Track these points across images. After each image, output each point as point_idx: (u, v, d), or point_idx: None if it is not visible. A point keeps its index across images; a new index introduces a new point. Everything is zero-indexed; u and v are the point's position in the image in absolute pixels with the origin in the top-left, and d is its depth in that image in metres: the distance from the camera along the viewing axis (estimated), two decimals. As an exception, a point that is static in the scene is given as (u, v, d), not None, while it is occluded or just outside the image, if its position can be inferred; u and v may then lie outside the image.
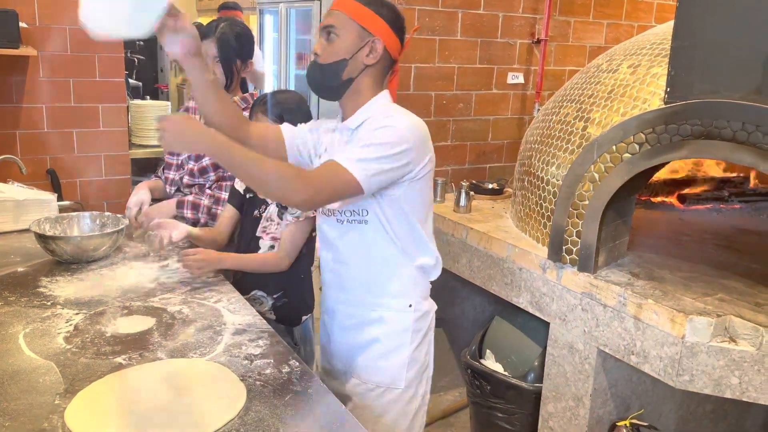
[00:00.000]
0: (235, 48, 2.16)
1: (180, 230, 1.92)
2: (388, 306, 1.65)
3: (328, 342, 1.79)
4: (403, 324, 1.66)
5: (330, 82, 1.56)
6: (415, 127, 1.53)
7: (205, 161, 2.24)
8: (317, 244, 2.02)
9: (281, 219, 1.98)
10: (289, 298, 2.03)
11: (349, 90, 1.56)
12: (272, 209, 2.01)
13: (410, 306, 1.65)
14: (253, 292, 2.01)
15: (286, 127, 1.71)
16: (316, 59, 1.55)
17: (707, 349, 1.82)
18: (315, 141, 1.69)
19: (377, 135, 1.48)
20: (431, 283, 1.73)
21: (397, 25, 1.56)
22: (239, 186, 2.10)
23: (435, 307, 1.75)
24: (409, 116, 1.55)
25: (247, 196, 2.06)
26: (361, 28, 1.52)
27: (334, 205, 1.59)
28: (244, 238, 2.07)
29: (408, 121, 1.53)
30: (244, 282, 2.01)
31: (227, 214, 2.10)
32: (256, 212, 2.03)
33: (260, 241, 2.02)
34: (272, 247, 2.00)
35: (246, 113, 2.16)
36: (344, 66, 1.53)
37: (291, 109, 1.96)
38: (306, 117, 1.94)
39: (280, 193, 1.50)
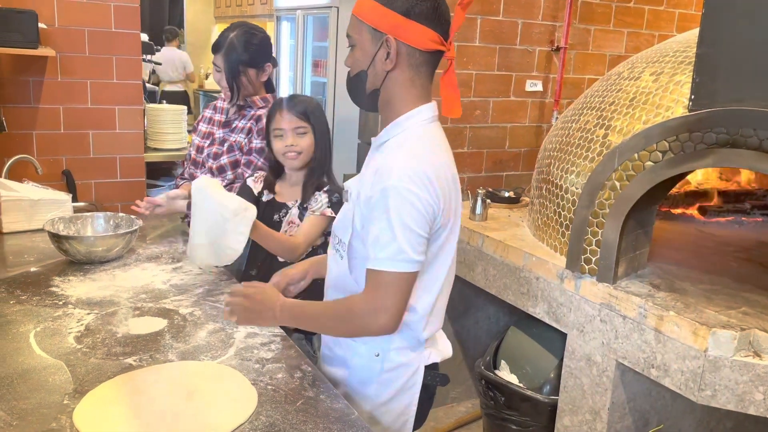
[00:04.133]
0: (242, 58, 2.11)
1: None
2: (354, 350, 1.44)
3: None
4: (367, 373, 1.42)
5: (359, 97, 1.40)
6: (412, 175, 1.25)
7: (224, 160, 2.21)
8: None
9: (301, 221, 1.95)
10: None
11: (380, 101, 1.37)
12: (294, 212, 1.98)
13: (377, 355, 1.41)
14: None
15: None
16: (349, 72, 1.40)
17: (731, 364, 1.77)
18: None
19: (383, 206, 1.26)
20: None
21: (419, 9, 1.28)
22: (254, 186, 2.04)
23: (431, 359, 1.45)
24: (408, 160, 1.28)
25: (263, 199, 2.02)
26: (372, 30, 1.30)
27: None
28: None
29: (404, 170, 1.26)
30: None
31: None
32: (276, 216, 2.00)
33: None
34: None
35: (262, 111, 2.15)
36: (365, 77, 1.34)
37: (313, 109, 1.96)
38: (323, 123, 1.98)
39: (360, 334, 1.38)
